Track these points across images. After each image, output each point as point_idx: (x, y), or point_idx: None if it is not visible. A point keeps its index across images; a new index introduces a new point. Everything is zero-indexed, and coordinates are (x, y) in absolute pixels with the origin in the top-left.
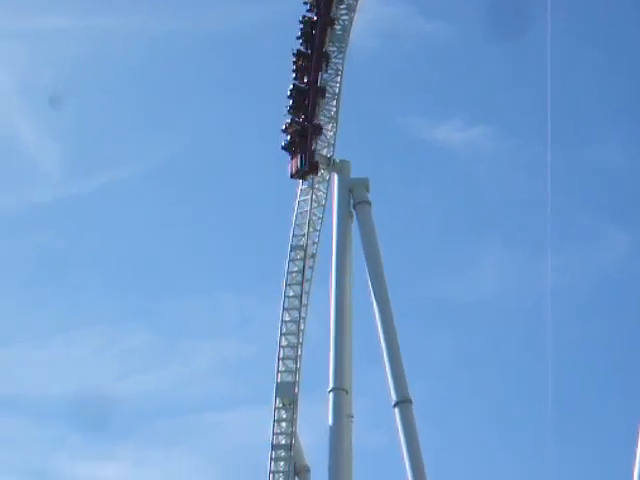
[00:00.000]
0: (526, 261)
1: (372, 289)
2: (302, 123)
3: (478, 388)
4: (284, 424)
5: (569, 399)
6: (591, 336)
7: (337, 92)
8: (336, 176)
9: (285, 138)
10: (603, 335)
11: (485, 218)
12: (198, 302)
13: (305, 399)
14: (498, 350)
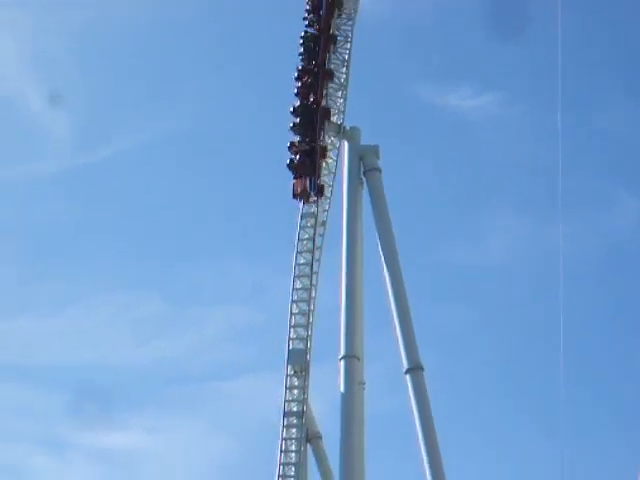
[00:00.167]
0: (537, 227)
1: (383, 256)
2: (310, 143)
3: (490, 354)
4: (296, 391)
5: (581, 365)
6: (603, 302)
7: (347, 59)
8: (346, 143)
9: (290, 156)
10: (614, 301)
11: (495, 184)
12: (209, 270)
13: (316, 366)
14: (509, 317)
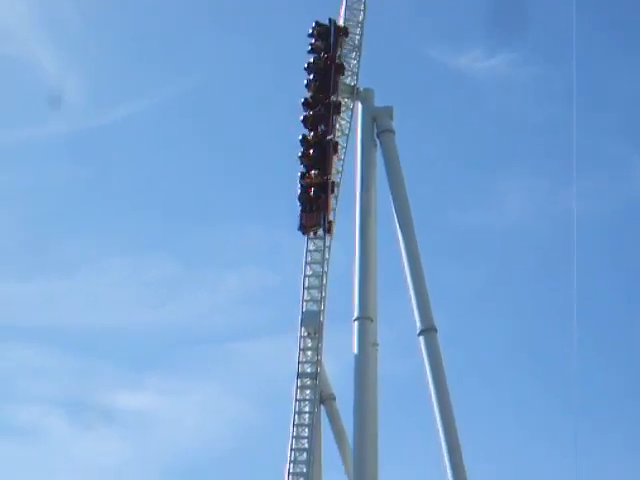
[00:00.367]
0: (551, 188)
1: (397, 217)
2: (320, 176)
3: (503, 316)
4: (309, 353)
5: (595, 323)
6: (616, 262)
7: (361, 20)
8: (360, 105)
9: (300, 187)
10: (628, 261)
11: (510, 146)
12: (223, 232)
13: (330, 328)
14: (523, 277)
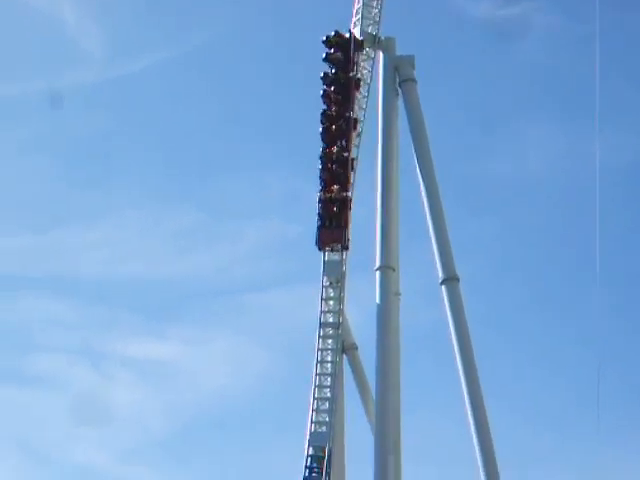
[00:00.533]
0: (574, 138)
1: (418, 167)
2: (339, 192)
3: (525, 265)
4: (332, 302)
5: (616, 273)
6: (638, 210)
7: None
8: (381, 54)
9: (319, 202)
10: None
11: (532, 95)
12: (244, 182)
13: (352, 278)
14: (546, 227)
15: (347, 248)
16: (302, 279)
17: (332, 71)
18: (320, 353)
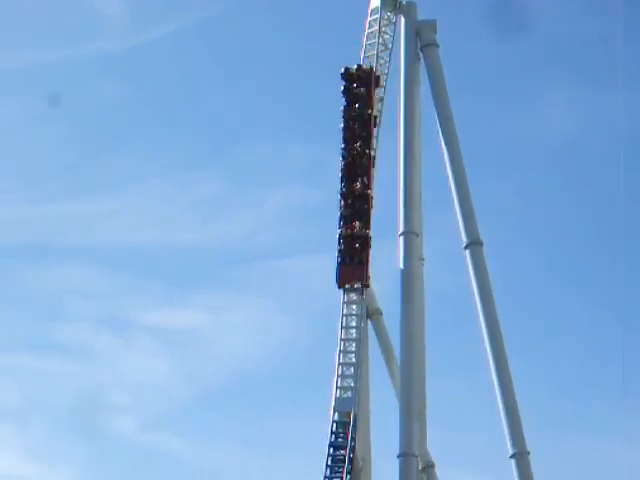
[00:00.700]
0: (598, 98)
1: (441, 131)
2: (361, 230)
3: (548, 230)
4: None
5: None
6: None
7: None
8: (402, 18)
9: (340, 239)
10: None
11: (555, 56)
12: (267, 150)
13: (376, 243)
14: (569, 189)
15: (367, 286)
16: (325, 245)
17: (355, 106)
18: (345, 318)
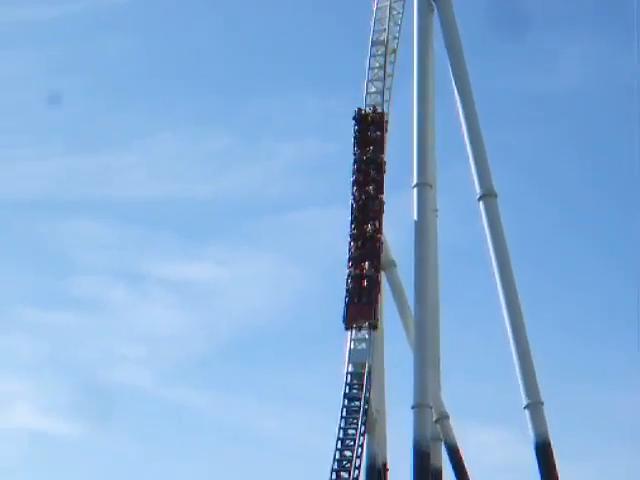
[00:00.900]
0: (612, 51)
1: (454, 82)
2: (370, 270)
3: (563, 180)
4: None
5: None
6: None
7: None
8: None
9: (349, 277)
10: None
11: (568, 7)
12: (278, 103)
13: (390, 195)
14: (583, 141)
15: (375, 328)
16: (337, 198)
17: (368, 149)
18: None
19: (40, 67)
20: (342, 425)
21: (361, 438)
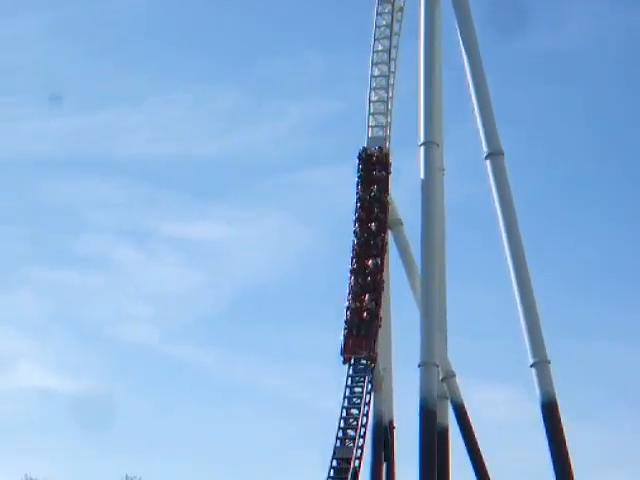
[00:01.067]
0: (618, 10)
1: (461, 40)
2: (370, 302)
3: (570, 139)
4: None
5: None
6: None
7: None
8: None
9: (348, 309)
10: None
11: None
12: (285, 62)
13: (396, 154)
14: (590, 101)
15: (374, 361)
16: (344, 157)
17: (371, 188)
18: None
19: (47, 27)
20: (349, 383)
21: (368, 396)
